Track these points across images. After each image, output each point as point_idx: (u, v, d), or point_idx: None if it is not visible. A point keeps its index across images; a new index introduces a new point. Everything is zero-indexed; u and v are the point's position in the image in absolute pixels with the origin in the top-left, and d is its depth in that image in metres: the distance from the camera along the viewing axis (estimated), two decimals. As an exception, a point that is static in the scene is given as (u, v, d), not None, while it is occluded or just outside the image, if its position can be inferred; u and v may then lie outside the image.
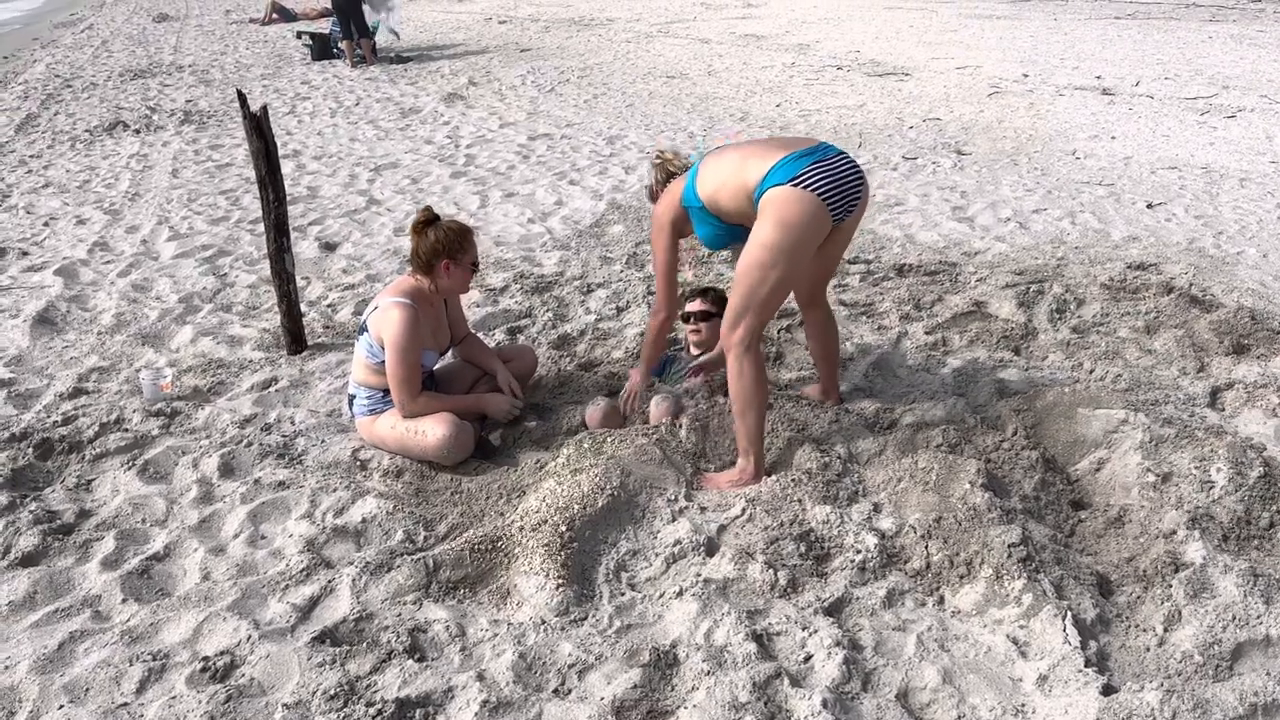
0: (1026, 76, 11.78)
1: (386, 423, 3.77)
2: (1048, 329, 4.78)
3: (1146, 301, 4.96)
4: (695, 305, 4.25)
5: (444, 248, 3.75)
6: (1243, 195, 6.99)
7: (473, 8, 22.04)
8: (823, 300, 3.89)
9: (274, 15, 20.43)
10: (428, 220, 3.79)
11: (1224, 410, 4.02)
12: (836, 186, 3.32)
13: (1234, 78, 11.30)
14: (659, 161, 3.87)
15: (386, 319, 3.71)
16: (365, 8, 14.28)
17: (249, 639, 2.81)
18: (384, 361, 3.73)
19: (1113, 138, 8.84)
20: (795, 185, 3.27)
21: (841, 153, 3.43)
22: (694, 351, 4.29)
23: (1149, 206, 6.79)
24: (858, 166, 3.45)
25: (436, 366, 4.19)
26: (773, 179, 3.31)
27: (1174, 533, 3.12)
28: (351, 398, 3.91)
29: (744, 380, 3.42)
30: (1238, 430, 3.82)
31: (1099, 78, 11.55)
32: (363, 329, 3.83)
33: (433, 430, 3.67)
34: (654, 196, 3.87)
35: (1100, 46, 13.81)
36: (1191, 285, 5.16)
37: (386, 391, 3.80)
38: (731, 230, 3.57)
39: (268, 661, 2.73)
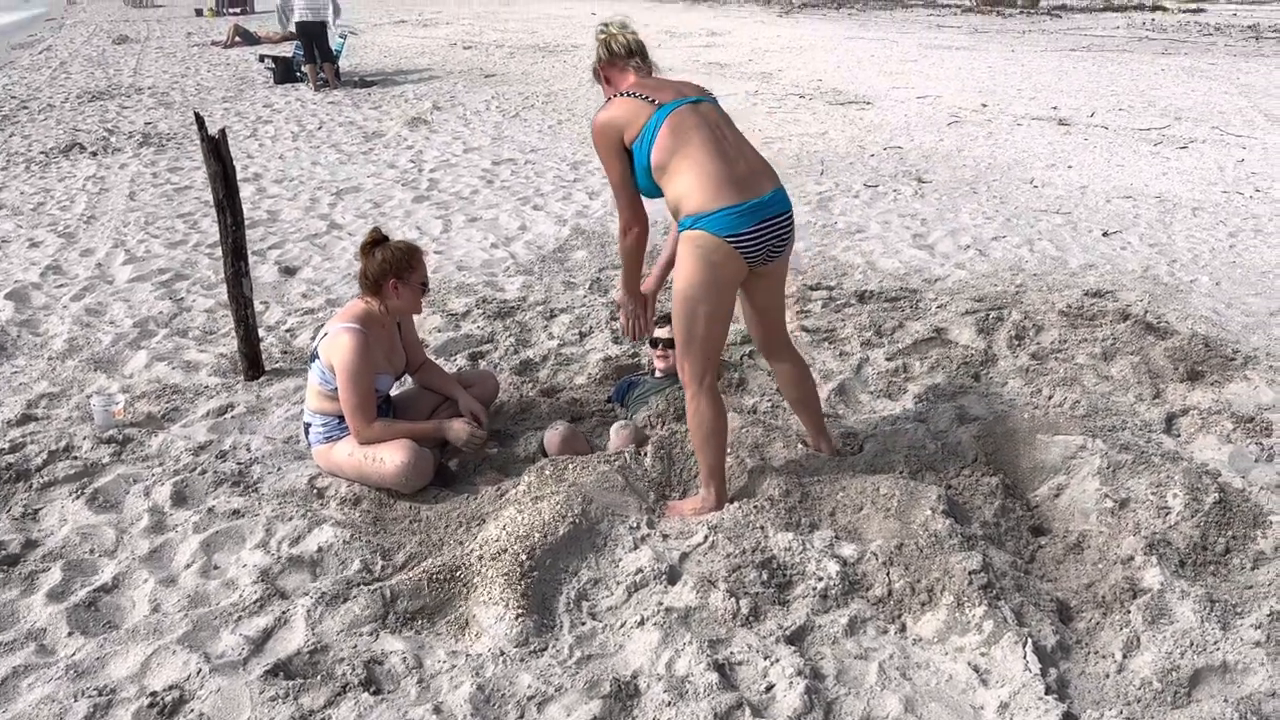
0: (985, 106, 11.97)
1: (344, 450, 3.72)
2: (1007, 355, 4.83)
3: (1103, 328, 5.02)
4: (663, 332, 4.22)
5: (391, 267, 3.72)
6: (1195, 224, 7.12)
7: (437, 33, 22.07)
8: (784, 345, 3.68)
9: (236, 38, 20.33)
10: (375, 241, 3.77)
11: (1179, 436, 4.06)
12: (763, 245, 3.25)
13: (1186, 109, 11.54)
14: (603, 37, 3.51)
15: (336, 345, 3.66)
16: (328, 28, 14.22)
17: (199, 673, 2.74)
18: (337, 388, 3.68)
19: (1069, 167, 8.99)
20: (729, 242, 3.19)
21: (783, 212, 3.30)
22: (659, 376, 4.28)
23: (1105, 235, 6.90)
24: (790, 221, 3.34)
25: (395, 393, 4.14)
26: (712, 225, 3.18)
27: (1132, 558, 3.14)
28: (307, 426, 3.85)
29: (700, 417, 3.38)
30: (1193, 456, 3.86)
31: (1055, 108, 11.75)
32: (314, 356, 3.78)
33: (391, 457, 3.62)
34: (597, 75, 3.57)
35: (1056, 78, 14.07)
36: (1147, 312, 5.23)
37: (342, 418, 3.75)
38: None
39: (218, 696, 2.66)
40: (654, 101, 3.29)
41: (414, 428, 3.81)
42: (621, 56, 3.49)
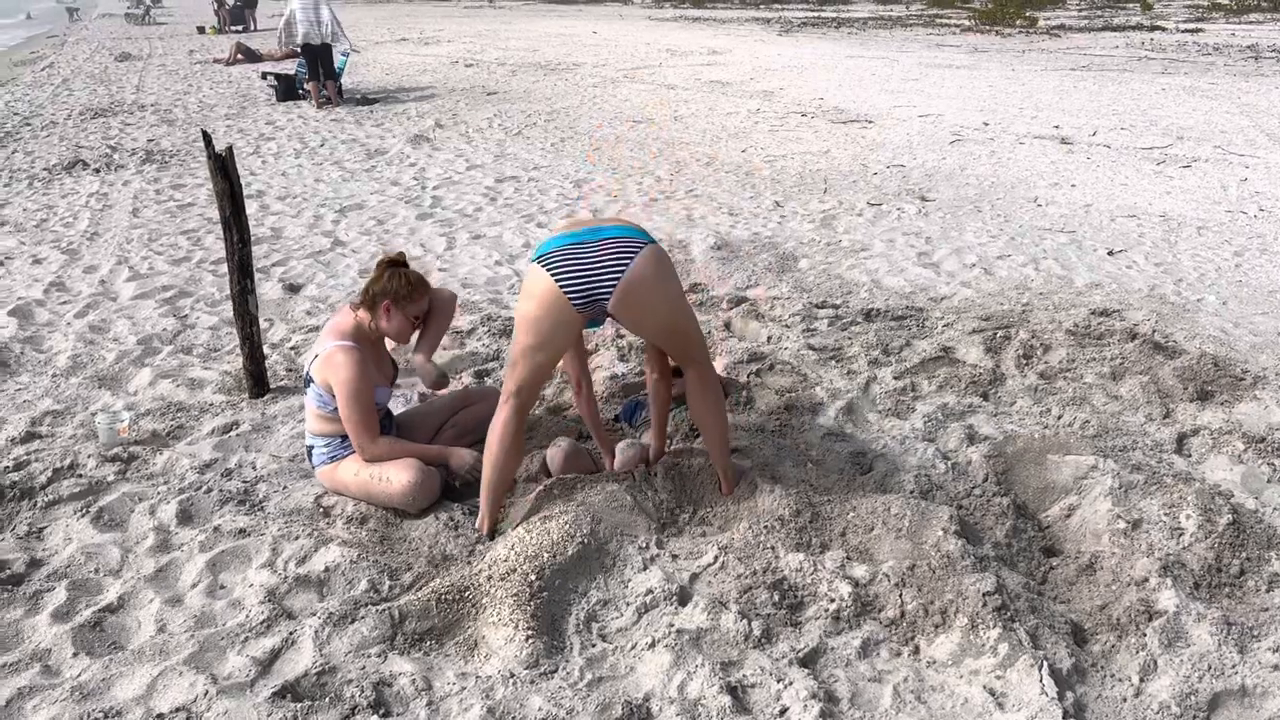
0: (987, 125, 11.99)
1: (349, 469, 3.69)
2: (1015, 375, 4.81)
3: (1111, 348, 5.00)
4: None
5: (392, 290, 3.70)
6: (1200, 243, 7.12)
7: (439, 51, 22.15)
8: (689, 366, 3.48)
9: (239, 55, 20.39)
10: (394, 262, 3.76)
11: (1191, 456, 4.04)
12: (578, 275, 3.15)
13: (1188, 128, 11.57)
14: None
15: (331, 364, 3.63)
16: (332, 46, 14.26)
17: (206, 694, 2.71)
18: (336, 409, 3.66)
19: (1072, 186, 8.99)
20: (541, 263, 3.20)
21: (613, 236, 3.22)
22: None
23: (1110, 254, 6.89)
24: (620, 260, 3.16)
25: (399, 412, 4.12)
26: (536, 251, 3.27)
27: (1146, 580, 3.11)
28: (310, 449, 3.83)
29: (495, 433, 3.40)
30: (1205, 476, 3.84)
31: (1057, 127, 11.77)
32: (308, 380, 3.75)
33: (398, 476, 3.59)
34: None
35: (1057, 97, 14.10)
36: (1154, 332, 5.22)
37: (344, 438, 3.73)
38: None
39: (226, 718, 2.63)
40: None
41: (419, 449, 3.79)
42: None
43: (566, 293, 3.16)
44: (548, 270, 3.18)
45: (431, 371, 3.85)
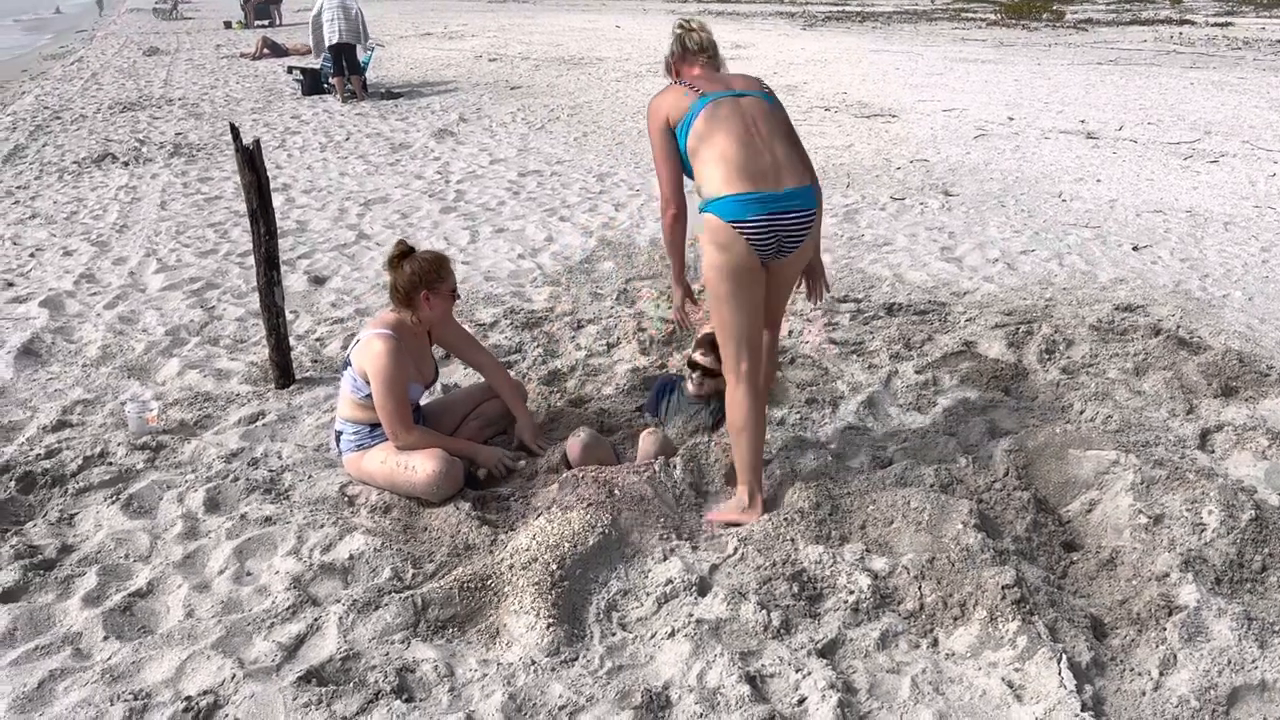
0: (1012, 120, 11.92)
1: (376, 458, 3.74)
2: (1037, 369, 4.80)
3: (1135, 343, 4.98)
4: (699, 357, 4.11)
5: (421, 279, 3.74)
6: (1227, 239, 7.06)
7: (463, 45, 22.21)
8: (772, 326, 3.67)
9: (264, 50, 20.52)
10: (403, 253, 3.79)
11: (1214, 452, 4.02)
12: (772, 243, 3.30)
13: (1216, 123, 11.46)
14: (679, 32, 3.68)
15: (368, 351, 3.69)
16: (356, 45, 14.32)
17: (233, 678, 2.76)
18: (369, 395, 3.71)
19: (1098, 181, 8.93)
20: (736, 228, 3.25)
21: (797, 209, 3.31)
22: (691, 398, 4.21)
23: (1135, 249, 6.85)
24: (808, 220, 3.35)
25: (424, 402, 4.17)
26: (719, 209, 3.27)
27: (1167, 575, 3.11)
28: (338, 434, 3.88)
29: (734, 408, 3.45)
30: (1228, 472, 3.82)
31: (1083, 122, 11.69)
32: (346, 363, 3.81)
33: (423, 466, 3.63)
34: (668, 67, 3.76)
35: (1083, 91, 14.00)
36: (1179, 327, 5.19)
37: (374, 426, 3.77)
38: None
39: (252, 701, 2.68)
40: (700, 92, 3.43)
41: (450, 442, 3.83)
42: (693, 53, 3.66)
43: (755, 246, 3.28)
44: (743, 236, 3.25)
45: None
